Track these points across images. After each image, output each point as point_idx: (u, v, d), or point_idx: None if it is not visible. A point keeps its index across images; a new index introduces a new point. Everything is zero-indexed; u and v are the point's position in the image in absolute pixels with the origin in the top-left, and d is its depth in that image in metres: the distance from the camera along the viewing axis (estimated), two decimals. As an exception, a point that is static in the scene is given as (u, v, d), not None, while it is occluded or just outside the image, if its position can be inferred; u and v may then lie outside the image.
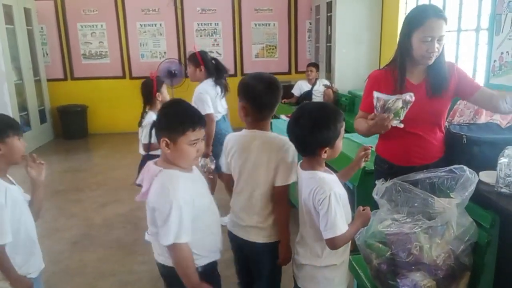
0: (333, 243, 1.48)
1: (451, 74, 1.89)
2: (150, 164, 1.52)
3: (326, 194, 1.45)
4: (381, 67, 2.07)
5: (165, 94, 3.06)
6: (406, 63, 1.89)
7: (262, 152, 1.71)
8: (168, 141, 1.44)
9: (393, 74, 1.93)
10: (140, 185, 1.55)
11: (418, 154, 1.93)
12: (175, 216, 1.39)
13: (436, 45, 1.80)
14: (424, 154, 1.93)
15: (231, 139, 1.82)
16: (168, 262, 1.52)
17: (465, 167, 1.64)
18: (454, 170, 1.67)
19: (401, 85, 1.89)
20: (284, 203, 1.72)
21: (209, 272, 1.59)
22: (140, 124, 2.95)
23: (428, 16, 1.79)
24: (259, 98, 1.69)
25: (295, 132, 1.54)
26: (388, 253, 1.60)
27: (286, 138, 1.67)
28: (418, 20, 1.81)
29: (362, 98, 2.09)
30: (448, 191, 1.65)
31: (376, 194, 1.73)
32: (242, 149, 1.76)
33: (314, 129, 1.48)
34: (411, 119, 1.89)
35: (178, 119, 1.45)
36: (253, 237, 1.78)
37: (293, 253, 1.73)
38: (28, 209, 1.70)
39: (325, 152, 1.51)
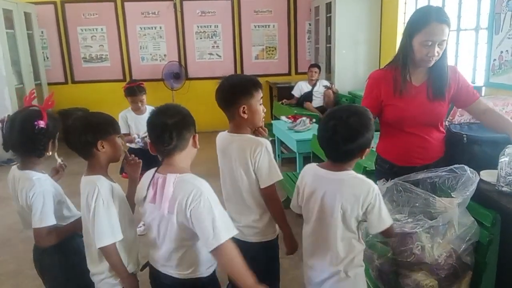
0: (389, 233, 1.51)
1: (452, 78, 1.89)
2: (156, 175, 1.45)
3: (374, 189, 1.44)
4: (382, 67, 2.07)
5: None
6: (408, 64, 1.88)
7: (238, 155, 1.72)
8: (195, 136, 1.49)
9: (393, 74, 1.92)
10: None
11: (419, 154, 1.93)
12: (218, 211, 1.35)
13: (437, 49, 1.79)
14: (425, 154, 1.93)
15: (218, 139, 1.85)
16: (181, 275, 1.47)
17: (465, 167, 1.65)
18: (455, 169, 1.67)
19: (403, 86, 1.89)
20: (275, 201, 1.74)
21: (215, 279, 1.55)
22: None
23: (430, 20, 1.77)
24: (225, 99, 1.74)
25: (335, 143, 1.46)
26: (390, 253, 1.61)
27: (259, 140, 1.71)
28: (420, 23, 1.80)
29: (362, 98, 2.10)
30: (449, 191, 1.65)
31: None
32: (223, 152, 1.80)
33: (356, 137, 1.44)
34: (412, 121, 1.90)
35: (190, 116, 1.49)
36: (248, 237, 1.78)
37: (308, 271, 1.65)
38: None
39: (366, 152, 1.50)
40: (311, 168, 1.61)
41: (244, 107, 1.69)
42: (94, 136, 1.57)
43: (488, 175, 1.80)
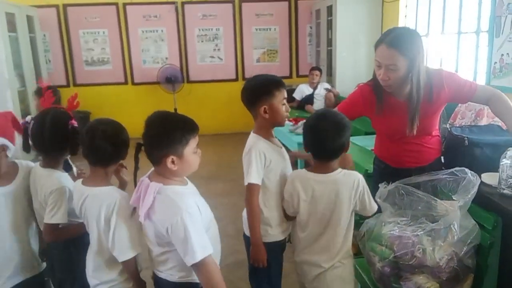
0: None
1: (438, 86, 1.82)
2: (144, 180, 1.45)
3: (360, 177, 1.65)
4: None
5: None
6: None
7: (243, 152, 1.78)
8: (175, 158, 1.38)
9: (374, 91, 1.91)
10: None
11: (412, 158, 1.95)
12: (193, 231, 1.34)
13: (385, 72, 1.75)
14: (418, 158, 1.94)
15: None
16: (173, 278, 1.48)
17: (466, 170, 1.65)
18: (455, 172, 1.67)
19: (379, 106, 1.89)
20: (247, 204, 1.73)
21: None
22: None
23: (381, 41, 1.76)
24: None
25: (327, 140, 1.61)
26: (391, 256, 1.61)
27: (255, 142, 1.73)
28: (376, 43, 1.80)
29: (344, 100, 2.14)
30: (450, 194, 1.65)
31: (379, 198, 1.73)
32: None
33: (344, 130, 1.63)
34: (400, 132, 1.89)
35: (180, 131, 1.39)
36: (246, 229, 1.82)
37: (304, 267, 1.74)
38: None
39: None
40: (301, 175, 1.71)
41: (265, 108, 1.70)
42: (129, 140, 1.61)
43: (489, 178, 1.80)
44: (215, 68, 7.16)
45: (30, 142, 1.77)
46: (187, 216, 1.34)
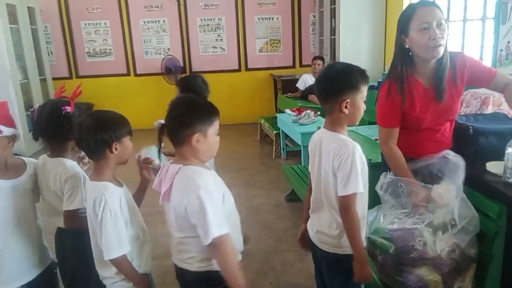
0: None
1: (461, 67, 1.81)
2: (167, 164, 1.47)
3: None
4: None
5: None
6: (409, 70, 1.79)
7: (326, 154, 1.56)
8: (201, 136, 1.41)
9: (399, 86, 1.80)
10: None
11: (432, 148, 1.88)
12: (210, 208, 1.33)
13: (438, 31, 1.68)
14: (437, 147, 1.90)
15: (315, 134, 1.73)
16: (193, 267, 1.47)
17: (449, 151, 1.65)
18: (446, 156, 1.66)
19: (410, 95, 1.78)
20: (346, 215, 1.51)
21: None
22: None
23: (416, 7, 1.72)
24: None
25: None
26: (392, 249, 1.60)
27: (348, 142, 1.53)
28: (407, 15, 1.74)
29: (380, 114, 1.90)
30: (443, 177, 1.64)
31: (379, 189, 1.71)
32: (314, 150, 1.65)
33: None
34: (426, 120, 1.85)
35: (206, 110, 1.45)
36: (322, 244, 1.63)
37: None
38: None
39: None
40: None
41: (347, 102, 1.52)
42: (110, 136, 1.52)
43: (494, 167, 1.78)
44: (218, 59, 7.12)
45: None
46: (204, 193, 1.34)
